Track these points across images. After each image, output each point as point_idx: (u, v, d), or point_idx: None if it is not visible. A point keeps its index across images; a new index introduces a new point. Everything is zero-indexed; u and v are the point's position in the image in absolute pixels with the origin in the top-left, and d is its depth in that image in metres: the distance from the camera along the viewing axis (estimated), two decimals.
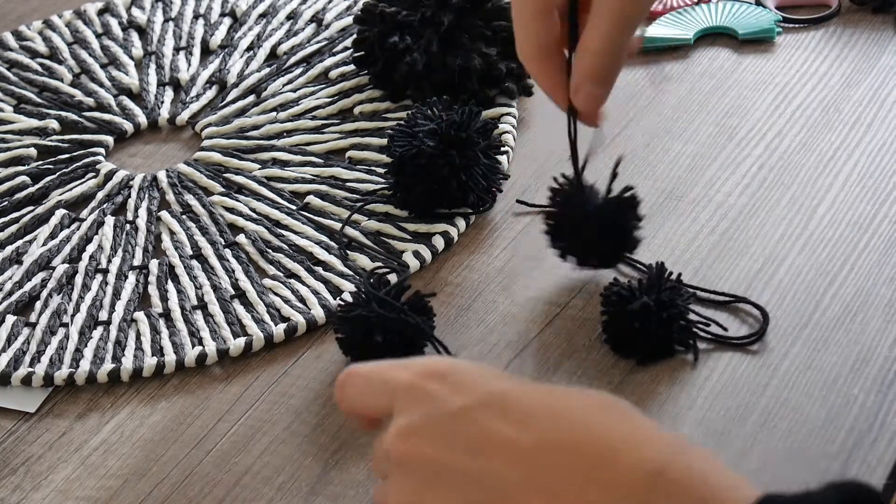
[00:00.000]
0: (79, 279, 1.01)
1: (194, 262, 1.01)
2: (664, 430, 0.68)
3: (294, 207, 1.04)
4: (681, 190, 1.01)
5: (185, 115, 1.16)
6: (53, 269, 1.02)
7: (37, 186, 1.10)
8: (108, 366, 0.93)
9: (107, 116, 1.16)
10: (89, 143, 1.14)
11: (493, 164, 1.00)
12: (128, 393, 0.92)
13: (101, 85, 1.20)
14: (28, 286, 1.01)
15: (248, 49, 1.21)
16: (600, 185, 0.92)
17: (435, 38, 1.09)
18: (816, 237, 0.95)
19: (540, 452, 0.66)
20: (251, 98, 1.15)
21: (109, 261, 1.02)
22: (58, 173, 1.11)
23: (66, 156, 1.12)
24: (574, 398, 0.69)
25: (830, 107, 1.06)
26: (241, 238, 1.02)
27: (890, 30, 1.14)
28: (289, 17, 1.24)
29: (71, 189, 1.09)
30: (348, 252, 0.99)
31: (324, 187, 1.05)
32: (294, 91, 1.15)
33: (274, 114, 1.13)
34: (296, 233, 1.02)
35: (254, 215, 1.04)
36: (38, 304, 0.99)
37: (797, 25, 1.16)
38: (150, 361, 0.93)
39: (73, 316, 0.98)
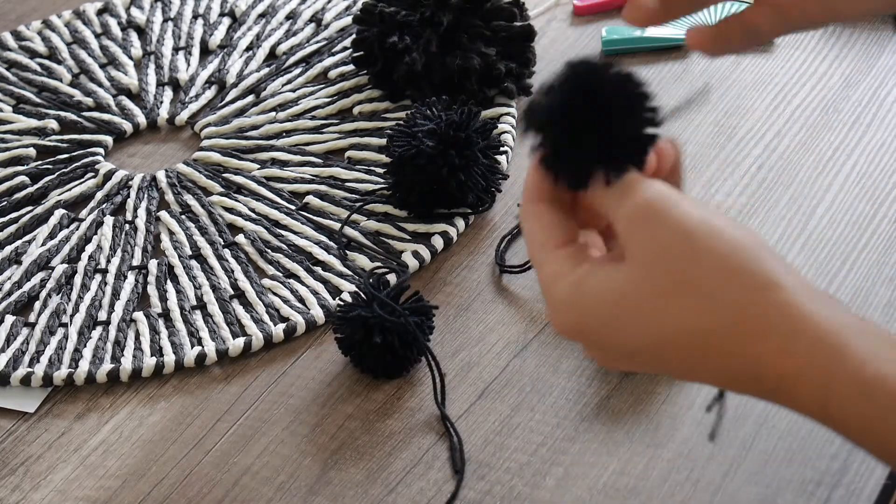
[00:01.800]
0: (78, 279, 1.01)
1: (193, 262, 1.01)
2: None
3: (293, 207, 1.04)
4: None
5: (184, 115, 1.16)
6: (52, 269, 1.02)
7: (36, 186, 1.10)
8: (107, 366, 0.93)
9: (106, 116, 1.16)
10: (88, 143, 1.14)
11: (492, 164, 1.00)
12: (127, 393, 0.92)
13: (101, 85, 1.20)
14: (27, 286, 1.01)
15: (248, 49, 1.21)
16: None
17: (434, 38, 1.09)
18: (816, 237, 0.95)
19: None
20: (250, 98, 1.15)
21: (108, 261, 1.02)
22: (57, 173, 1.11)
23: (66, 156, 1.12)
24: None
25: (829, 107, 1.06)
26: (241, 238, 1.02)
27: (889, 30, 1.14)
28: (288, 17, 1.24)
29: (70, 189, 1.09)
30: (347, 252, 0.99)
31: (323, 187, 1.05)
32: (293, 91, 1.15)
33: (273, 114, 1.13)
34: (295, 233, 1.02)
35: (253, 215, 1.04)
36: (38, 305, 0.99)
37: None
38: (149, 361, 0.93)
39: (72, 316, 0.98)
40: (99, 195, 1.08)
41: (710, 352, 0.65)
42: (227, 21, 1.24)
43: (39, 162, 1.12)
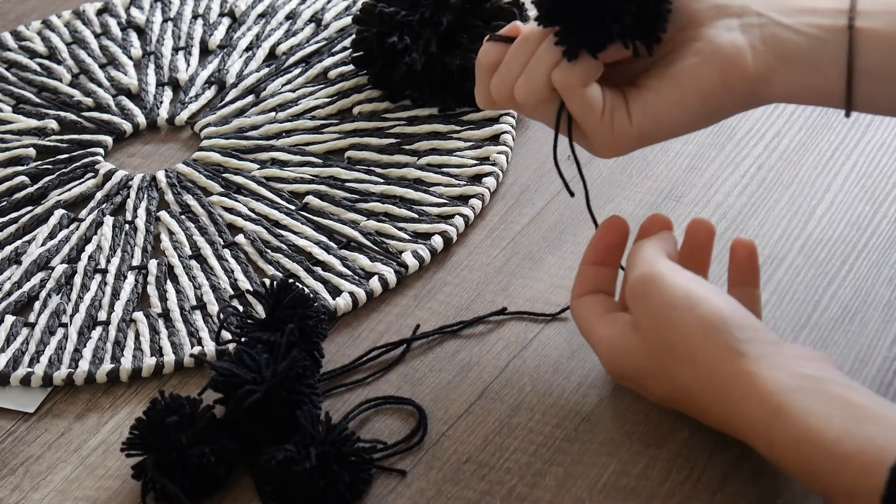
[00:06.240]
0: (78, 279, 1.01)
1: (193, 263, 1.01)
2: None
3: (293, 207, 1.04)
4: (679, 190, 1.01)
5: (183, 115, 1.16)
6: (52, 269, 1.02)
7: (36, 186, 1.10)
8: (106, 366, 0.94)
9: (106, 116, 1.16)
10: (88, 143, 1.14)
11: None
12: (127, 393, 0.92)
13: (100, 85, 1.20)
14: (27, 286, 1.01)
15: (247, 49, 1.21)
16: None
17: (434, 38, 1.09)
18: (815, 237, 0.95)
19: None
20: (250, 98, 1.16)
21: (108, 261, 1.02)
22: (57, 173, 1.11)
23: (65, 156, 1.12)
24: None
25: None
26: (240, 238, 1.02)
27: None
28: (288, 17, 1.24)
29: (70, 189, 1.09)
30: (347, 252, 0.99)
31: (323, 187, 1.05)
32: (293, 91, 1.15)
33: (273, 114, 1.13)
34: (295, 233, 1.02)
35: (253, 215, 1.04)
36: (37, 305, 0.99)
37: None
38: (149, 361, 0.93)
39: (72, 316, 0.98)
40: (99, 195, 1.08)
41: (702, 403, 0.80)
42: (226, 21, 1.24)
43: (39, 162, 1.12)
